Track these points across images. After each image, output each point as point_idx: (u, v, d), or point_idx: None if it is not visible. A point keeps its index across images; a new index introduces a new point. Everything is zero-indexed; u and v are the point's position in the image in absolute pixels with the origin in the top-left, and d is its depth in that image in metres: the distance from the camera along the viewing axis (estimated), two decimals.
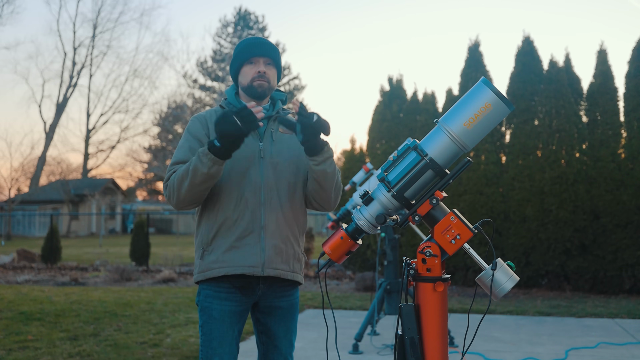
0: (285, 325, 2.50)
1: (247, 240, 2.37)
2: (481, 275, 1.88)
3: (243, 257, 2.36)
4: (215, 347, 2.38)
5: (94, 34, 41.22)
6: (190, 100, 36.61)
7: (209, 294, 2.42)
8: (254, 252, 2.37)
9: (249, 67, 2.47)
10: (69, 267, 13.12)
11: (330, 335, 4.65)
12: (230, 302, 2.40)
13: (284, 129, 2.35)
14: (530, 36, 9.55)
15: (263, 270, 2.37)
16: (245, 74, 2.48)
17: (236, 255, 2.36)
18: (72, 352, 5.10)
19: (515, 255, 8.99)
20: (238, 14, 42.68)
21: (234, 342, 2.42)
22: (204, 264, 2.41)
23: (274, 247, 2.39)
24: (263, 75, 2.46)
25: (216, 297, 2.40)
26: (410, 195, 1.93)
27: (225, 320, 2.39)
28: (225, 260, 2.37)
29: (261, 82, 2.45)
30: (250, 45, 2.50)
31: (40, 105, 45.20)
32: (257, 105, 2.48)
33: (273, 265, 2.39)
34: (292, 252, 2.45)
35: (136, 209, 35.65)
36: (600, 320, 6.81)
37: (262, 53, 2.47)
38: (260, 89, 2.46)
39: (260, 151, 2.43)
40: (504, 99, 1.85)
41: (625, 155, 8.79)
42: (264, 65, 2.47)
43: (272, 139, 2.46)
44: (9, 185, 32.22)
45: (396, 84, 10.48)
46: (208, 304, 2.41)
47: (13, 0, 48.49)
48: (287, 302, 2.49)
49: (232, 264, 2.36)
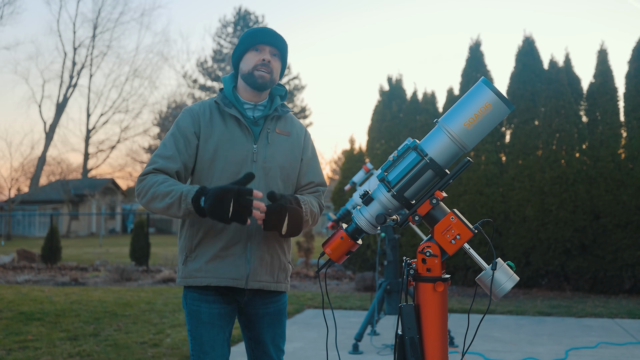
0: (273, 331, 2.43)
1: (233, 251, 2.28)
2: (481, 275, 1.88)
3: (227, 269, 2.27)
4: (207, 351, 2.29)
5: (94, 34, 41.31)
6: (190, 100, 36.64)
7: (195, 297, 2.33)
8: (238, 263, 2.28)
9: (253, 53, 2.33)
10: (69, 267, 13.13)
11: (330, 335, 4.62)
12: (218, 305, 2.32)
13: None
14: (531, 36, 9.56)
15: (247, 284, 2.29)
16: (248, 60, 2.33)
17: (220, 266, 2.27)
18: (72, 352, 5.10)
19: (515, 255, 8.99)
20: (238, 14, 42.71)
21: (225, 345, 2.35)
22: (186, 270, 2.32)
23: (259, 258, 2.31)
24: (267, 64, 2.32)
25: (204, 300, 2.32)
26: (410, 195, 1.93)
27: (215, 323, 2.31)
28: (209, 270, 2.27)
29: (263, 74, 2.31)
30: (259, 32, 2.35)
31: (40, 105, 45.34)
32: (255, 104, 2.38)
33: (257, 278, 2.31)
34: (277, 263, 2.37)
35: (136, 209, 35.65)
36: (600, 320, 6.81)
37: (270, 42, 2.34)
38: (260, 80, 2.31)
39: (254, 154, 2.31)
40: (504, 99, 1.85)
41: (625, 155, 8.79)
42: (270, 55, 2.34)
43: (267, 141, 2.35)
44: (9, 185, 32.27)
45: (395, 84, 10.48)
46: (196, 307, 2.32)
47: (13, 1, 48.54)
48: (274, 307, 2.42)
49: (215, 274, 2.27)
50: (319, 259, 2.09)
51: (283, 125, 2.43)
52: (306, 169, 2.47)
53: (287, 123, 2.45)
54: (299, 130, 2.48)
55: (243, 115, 2.35)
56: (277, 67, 2.37)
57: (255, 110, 2.40)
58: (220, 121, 2.34)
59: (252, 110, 2.40)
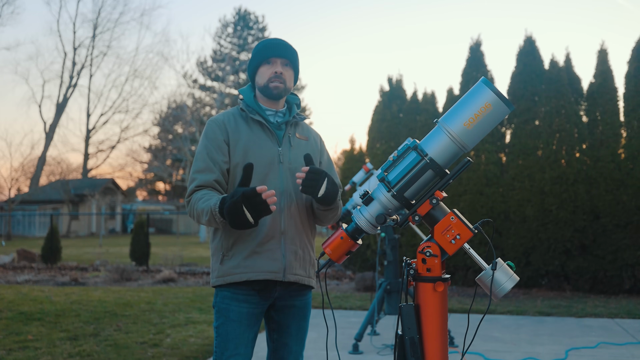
0: (298, 324, 2.50)
1: (269, 246, 2.37)
2: (481, 275, 1.88)
3: (265, 263, 2.35)
4: (231, 349, 2.36)
5: (94, 34, 41.29)
6: (190, 100, 36.61)
7: (226, 296, 2.40)
8: (275, 257, 2.37)
9: (266, 67, 2.47)
10: (69, 267, 13.13)
11: (330, 335, 4.63)
12: (248, 304, 2.39)
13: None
14: (532, 36, 9.55)
15: (284, 276, 2.38)
16: (262, 74, 2.47)
17: (258, 261, 2.35)
18: (72, 352, 5.10)
19: (515, 255, 8.99)
20: (238, 14, 42.72)
21: (249, 345, 2.41)
22: (223, 268, 2.39)
23: (293, 252, 2.40)
24: (279, 76, 2.45)
25: (234, 299, 2.38)
26: (410, 195, 1.93)
27: (243, 322, 2.38)
28: (247, 266, 2.35)
29: (277, 85, 2.45)
30: (269, 45, 2.49)
31: (40, 105, 45.34)
32: (275, 110, 2.51)
33: (293, 271, 2.40)
34: (308, 258, 2.48)
35: (136, 209, 35.68)
36: (600, 320, 6.81)
37: (280, 54, 2.47)
38: (275, 91, 2.46)
39: (280, 156, 2.43)
40: (504, 99, 1.85)
41: (625, 155, 8.79)
42: (281, 66, 2.47)
43: (290, 144, 2.48)
44: (9, 185, 32.26)
45: (396, 84, 10.48)
46: (225, 305, 2.39)
47: (13, 1, 48.63)
48: (301, 301, 2.51)
49: (254, 269, 2.35)
50: (319, 259, 2.09)
51: (301, 131, 2.58)
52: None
53: (304, 129, 2.62)
54: (315, 136, 2.64)
55: (267, 120, 2.49)
56: (289, 75, 2.51)
57: (276, 116, 2.53)
58: (245, 126, 2.46)
59: (274, 117, 2.53)
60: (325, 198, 2.29)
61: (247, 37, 42.28)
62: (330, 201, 2.32)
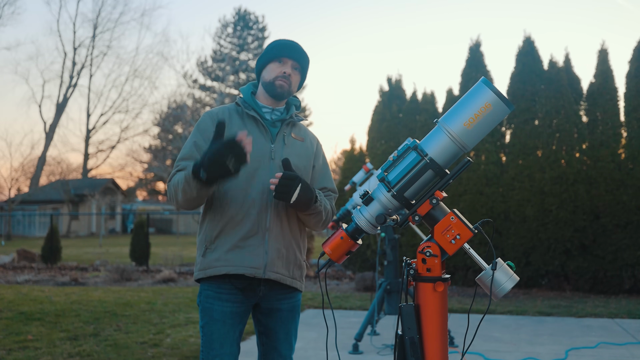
0: (286, 328, 2.49)
1: (251, 241, 2.36)
2: (481, 275, 1.88)
3: (246, 258, 2.35)
4: (217, 349, 2.37)
5: (94, 34, 41.30)
6: (190, 100, 36.59)
7: (210, 295, 2.40)
8: (257, 253, 2.36)
9: (276, 64, 2.47)
10: (69, 267, 13.13)
11: (330, 335, 4.64)
12: (231, 303, 2.39)
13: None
14: (531, 36, 9.56)
15: (264, 273, 2.36)
16: (271, 70, 2.47)
17: (239, 255, 2.35)
18: (72, 352, 5.10)
19: (515, 255, 8.99)
20: (238, 14, 42.70)
21: (234, 343, 2.41)
22: (205, 261, 2.40)
23: (276, 250, 2.39)
24: (287, 77, 2.46)
25: (217, 297, 2.38)
26: (410, 195, 1.93)
27: (227, 322, 2.37)
28: (227, 259, 2.35)
29: (283, 83, 2.45)
30: (285, 45, 2.50)
31: (40, 105, 45.32)
32: (272, 108, 2.50)
33: (274, 269, 2.38)
34: (293, 258, 2.45)
35: (136, 209, 35.67)
36: (600, 320, 6.81)
37: (293, 56, 2.48)
38: (280, 89, 2.46)
39: (271, 152, 2.42)
40: (504, 99, 1.85)
41: (625, 155, 8.79)
42: (291, 69, 2.48)
43: (283, 142, 2.47)
44: (9, 185, 32.26)
45: (395, 84, 10.49)
46: (209, 304, 2.40)
47: (14, 1, 48.57)
48: (288, 304, 2.49)
49: (234, 263, 2.34)
50: (319, 259, 2.09)
51: (297, 132, 2.57)
52: (319, 175, 2.59)
53: (301, 130, 2.60)
54: (311, 138, 2.62)
55: (261, 116, 2.48)
56: (296, 80, 2.52)
57: (272, 114, 2.52)
58: (239, 121, 2.47)
59: (270, 114, 2.52)
60: (297, 204, 2.29)
61: (247, 37, 42.27)
62: (303, 207, 2.32)
